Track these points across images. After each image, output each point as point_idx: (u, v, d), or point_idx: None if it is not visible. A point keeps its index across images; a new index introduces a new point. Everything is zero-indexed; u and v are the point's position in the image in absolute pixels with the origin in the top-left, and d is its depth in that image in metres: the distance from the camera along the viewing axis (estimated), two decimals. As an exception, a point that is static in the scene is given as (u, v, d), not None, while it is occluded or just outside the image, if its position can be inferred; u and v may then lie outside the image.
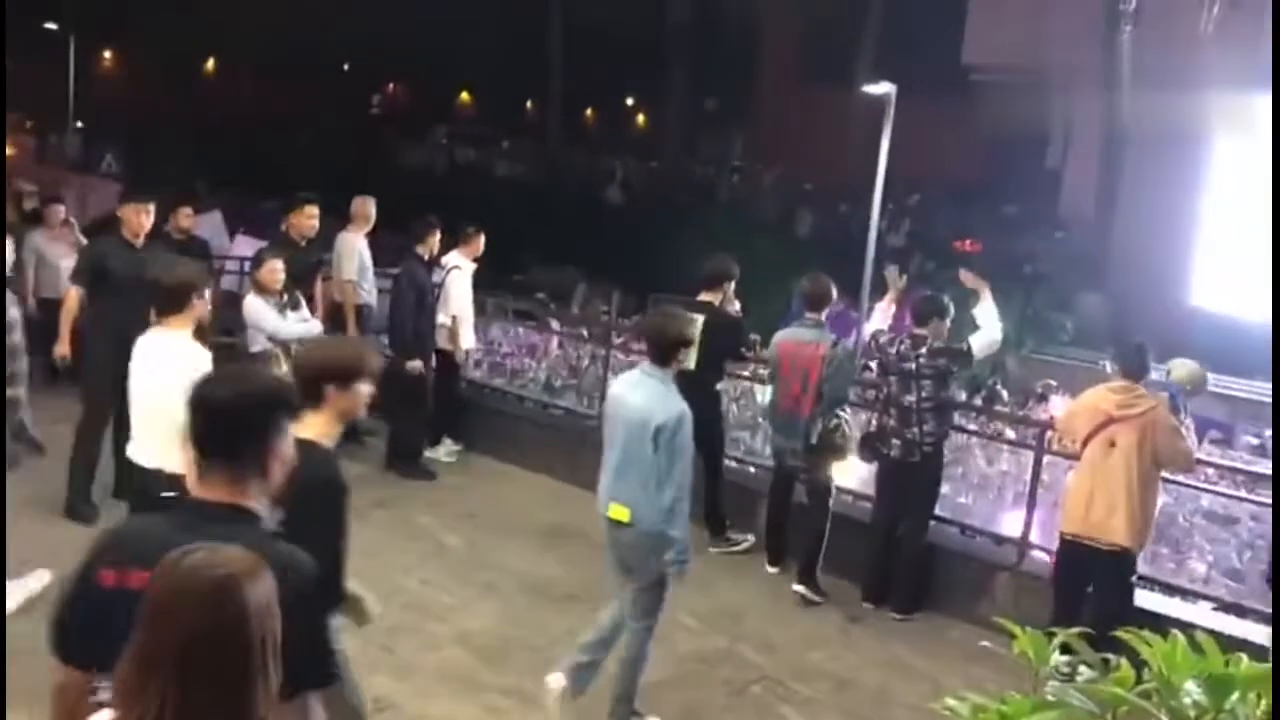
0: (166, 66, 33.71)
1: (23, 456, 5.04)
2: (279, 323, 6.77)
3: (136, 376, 4.77)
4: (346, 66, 38.45)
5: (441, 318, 8.05)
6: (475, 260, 8.39)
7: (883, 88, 11.45)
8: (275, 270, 6.82)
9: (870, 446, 6.45)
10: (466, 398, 8.73)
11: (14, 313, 4.98)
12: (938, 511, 6.60)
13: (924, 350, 6.17)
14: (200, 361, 4.60)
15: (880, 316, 6.79)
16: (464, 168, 29.62)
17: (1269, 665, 1.62)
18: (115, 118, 27.51)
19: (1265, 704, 1.62)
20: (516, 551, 6.69)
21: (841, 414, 6.51)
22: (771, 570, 6.76)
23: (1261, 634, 5.24)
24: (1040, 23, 16.92)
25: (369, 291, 8.41)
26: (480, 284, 8.67)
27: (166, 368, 4.60)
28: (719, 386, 7.12)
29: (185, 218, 8.69)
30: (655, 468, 4.41)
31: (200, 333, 5.04)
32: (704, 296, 6.76)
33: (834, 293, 6.70)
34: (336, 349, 3.61)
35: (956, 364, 6.26)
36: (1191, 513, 6.83)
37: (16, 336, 4.92)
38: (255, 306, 6.79)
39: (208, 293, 5.07)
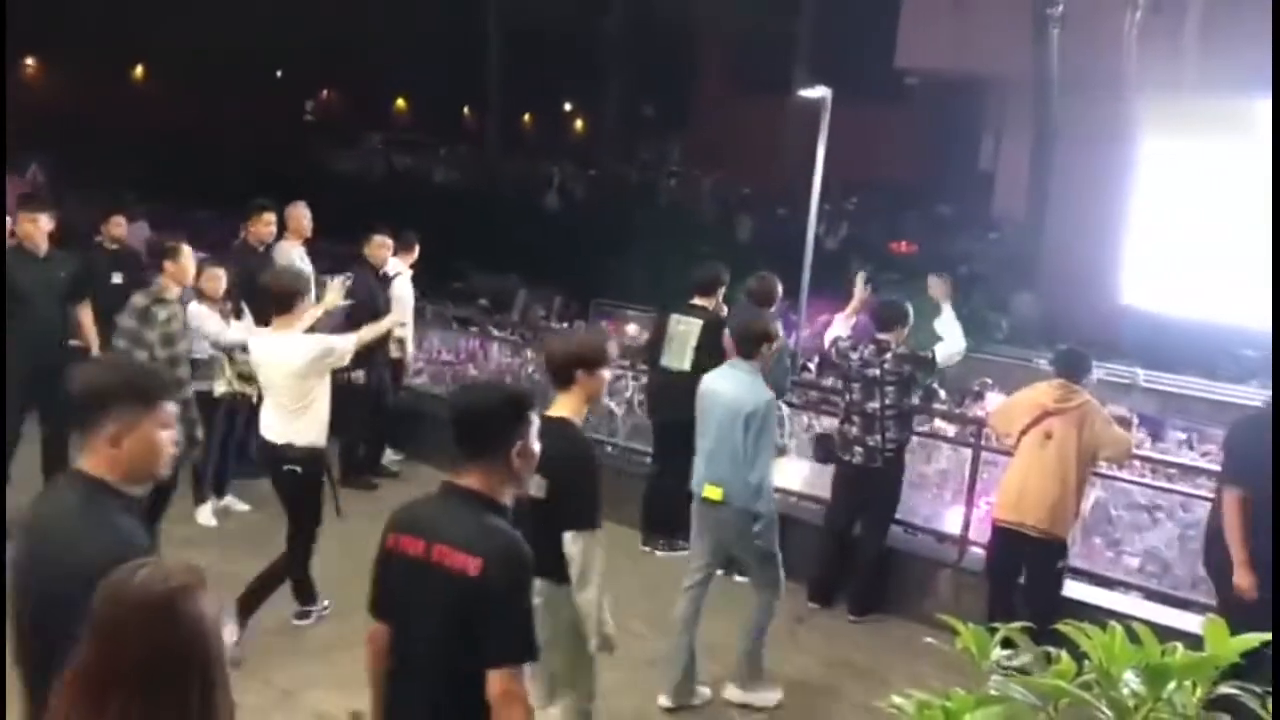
0: (94, 74, 33.00)
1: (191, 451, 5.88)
2: (221, 328, 6.74)
3: (262, 371, 5.49)
4: (280, 73, 37.92)
5: (397, 328, 8.01)
6: (412, 266, 8.33)
7: (818, 92, 11.57)
8: (214, 278, 6.80)
9: (825, 449, 6.48)
10: (408, 406, 8.65)
11: (176, 325, 5.73)
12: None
13: (888, 357, 6.20)
14: (312, 348, 5.34)
15: (842, 324, 6.76)
16: (401, 174, 29.38)
17: (1204, 654, 1.65)
18: (41, 127, 26.82)
19: (1201, 692, 1.65)
20: (460, 560, 6.63)
21: (781, 409, 6.55)
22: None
23: (1195, 623, 5.36)
24: (970, 27, 17.20)
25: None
26: (419, 291, 8.59)
27: (286, 362, 5.33)
28: None
29: (116, 226, 8.54)
30: (745, 450, 4.86)
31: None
32: (698, 301, 6.81)
33: (780, 291, 6.82)
34: (585, 339, 4.23)
35: (920, 371, 6.29)
36: (1126, 505, 6.97)
37: (183, 346, 5.78)
38: (198, 314, 6.73)
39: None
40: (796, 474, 7.22)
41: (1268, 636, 1.72)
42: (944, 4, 17.52)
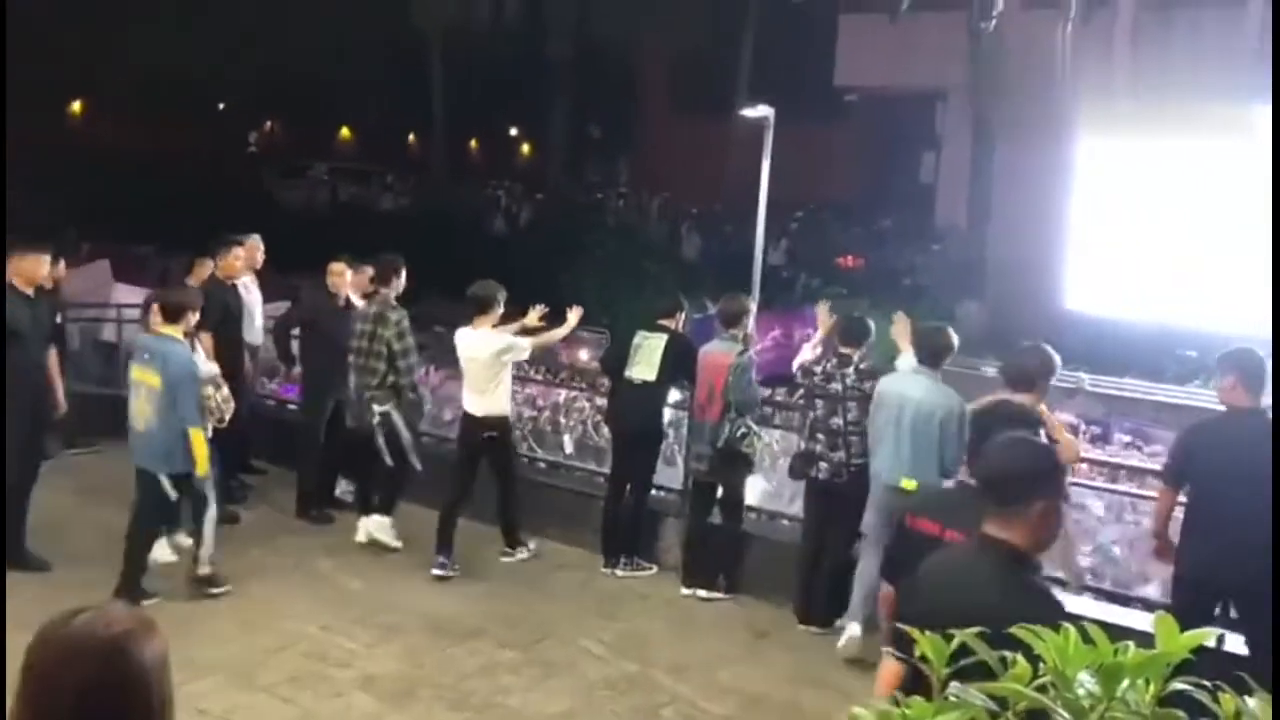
0: (30, 108, 32.43)
1: (412, 417, 7.29)
2: None
3: (464, 358, 6.92)
4: (222, 105, 37.54)
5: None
6: (365, 296, 8.26)
7: (760, 111, 11.66)
8: None
9: (797, 468, 6.51)
10: (362, 436, 8.55)
11: (405, 324, 7.06)
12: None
13: (850, 370, 6.26)
14: (504, 340, 6.80)
15: (809, 352, 6.76)
16: (347, 204, 29.18)
17: (1155, 651, 1.68)
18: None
19: (1154, 689, 1.68)
20: (418, 591, 6.58)
21: (750, 425, 6.59)
22: (685, 592, 6.78)
23: (1144, 620, 5.44)
24: (907, 44, 17.47)
25: (257, 331, 8.20)
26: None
27: (481, 352, 6.83)
28: (671, 400, 7.41)
29: (59, 268, 8.51)
30: (936, 446, 5.57)
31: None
32: (662, 322, 7.09)
33: (749, 308, 7.08)
34: (1044, 357, 5.15)
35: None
36: (1075, 508, 7.07)
37: (411, 341, 7.15)
38: None
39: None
40: (757, 491, 7.27)
41: (1219, 632, 1.76)
42: (880, 22, 17.78)
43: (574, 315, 7.33)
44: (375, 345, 7.07)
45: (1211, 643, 3.61)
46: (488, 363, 6.81)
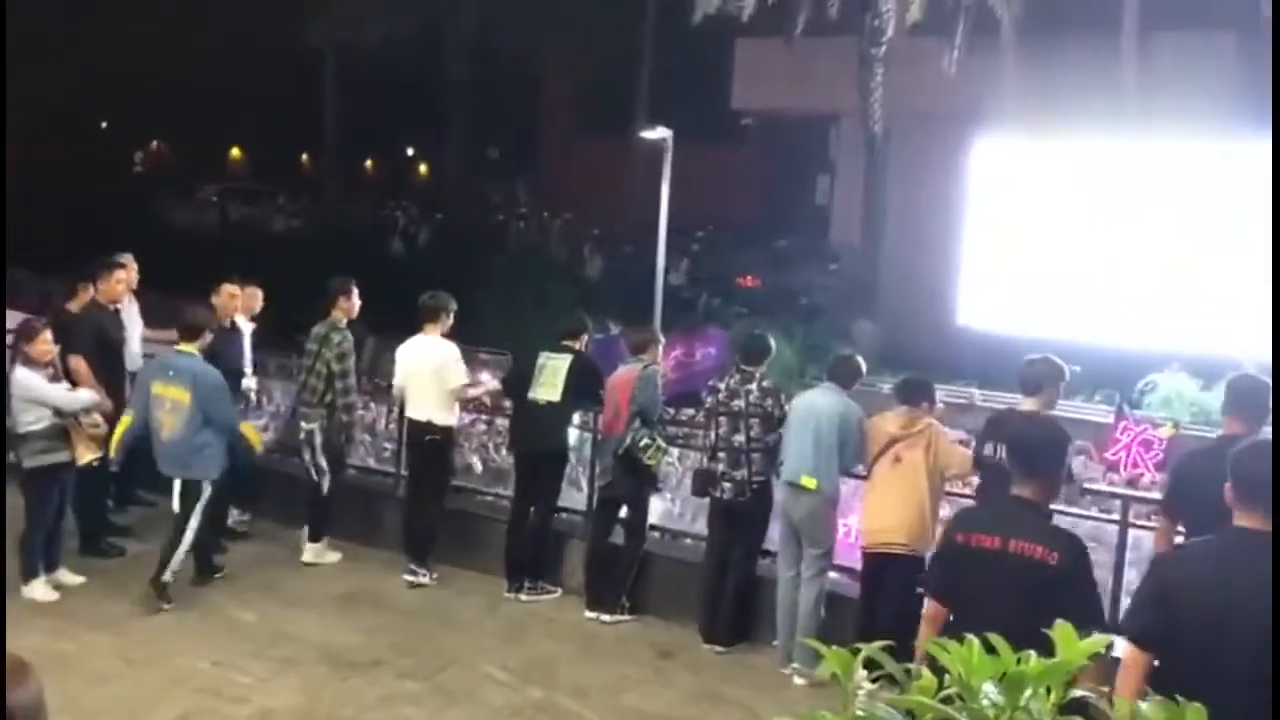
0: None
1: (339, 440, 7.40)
2: (63, 394, 6.32)
3: (409, 364, 7.16)
4: (105, 124, 36.36)
5: (249, 381, 7.75)
6: (254, 319, 8.08)
7: (659, 133, 11.74)
8: (44, 342, 6.35)
9: (700, 484, 6.53)
10: (252, 463, 8.29)
11: (347, 346, 7.31)
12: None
13: (753, 387, 6.31)
14: (449, 352, 7.10)
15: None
16: (238, 225, 28.50)
17: (1056, 660, 1.71)
18: None
19: (1055, 697, 1.70)
20: (314, 621, 6.40)
21: (654, 436, 6.57)
22: (589, 615, 6.73)
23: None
24: (801, 68, 17.77)
25: (135, 356, 7.90)
26: (264, 343, 8.33)
27: (430, 358, 7.07)
28: (576, 420, 7.37)
29: None
30: (836, 448, 6.03)
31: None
32: (567, 343, 7.06)
33: (659, 338, 7.33)
34: (1046, 362, 5.74)
35: (779, 409, 6.34)
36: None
37: (350, 363, 7.37)
38: (30, 380, 6.24)
39: None
40: (659, 510, 7.27)
41: (1111, 639, 1.79)
42: (775, 47, 18.06)
43: (488, 383, 7.77)
44: (317, 365, 7.28)
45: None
46: (437, 368, 7.03)
